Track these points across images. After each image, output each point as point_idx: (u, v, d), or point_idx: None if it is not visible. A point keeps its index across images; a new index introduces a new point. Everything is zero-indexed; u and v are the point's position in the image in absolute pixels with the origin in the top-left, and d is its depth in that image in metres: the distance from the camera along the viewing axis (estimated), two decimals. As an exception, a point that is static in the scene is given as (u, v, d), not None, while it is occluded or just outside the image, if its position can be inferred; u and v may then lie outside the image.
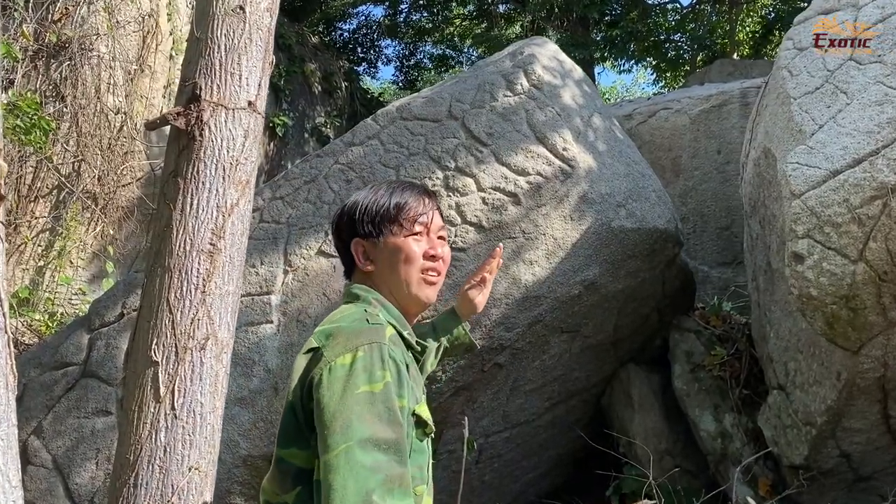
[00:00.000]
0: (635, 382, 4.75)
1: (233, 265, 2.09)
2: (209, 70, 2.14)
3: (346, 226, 1.68)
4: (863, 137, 2.87)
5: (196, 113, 2.09)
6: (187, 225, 2.04)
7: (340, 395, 1.33)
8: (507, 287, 3.67)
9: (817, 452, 3.64)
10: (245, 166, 2.15)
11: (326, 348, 1.42)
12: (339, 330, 1.47)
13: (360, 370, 1.36)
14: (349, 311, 1.57)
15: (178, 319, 1.99)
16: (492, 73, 4.12)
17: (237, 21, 2.19)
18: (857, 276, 2.83)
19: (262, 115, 2.22)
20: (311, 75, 11.82)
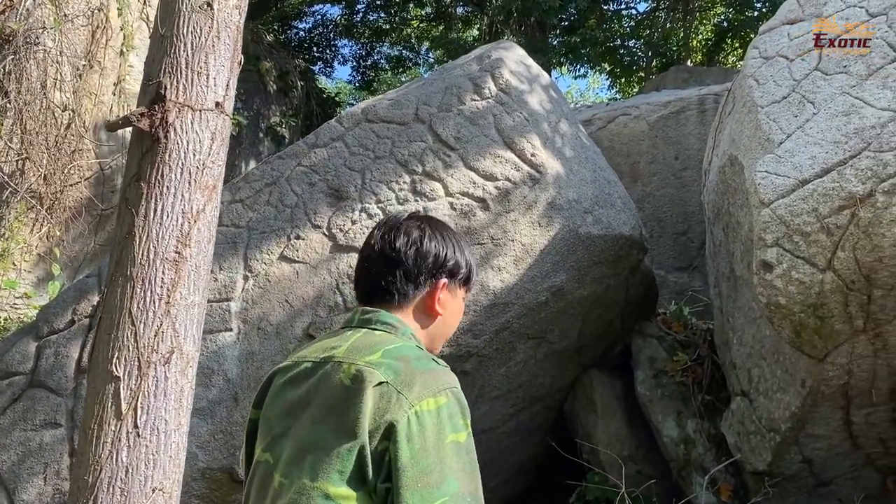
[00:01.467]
0: (598, 388, 4.75)
1: (199, 274, 1.98)
2: (175, 69, 2.04)
3: (439, 266, 1.59)
4: (830, 147, 2.90)
5: (161, 114, 1.98)
6: (151, 232, 1.93)
7: (434, 445, 1.26)
8: (474, 294, 3.61)
9: (780, 458, 3.67)
10: (212, 170, 2.05)
11: (403, 388, 1.29)
12: (411, 368, 1.34)
13: (446, 418, 1.29)
14: (399, 343, 1.44)
15: (140, 332, 1.87)
16: (459, 76, 4.06)
17: (204, 18, 2.09)
18: (826, 285, 2.85)
19: (230, 116, 2.12)
20: (266, 74, 11.61)
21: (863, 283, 2.79)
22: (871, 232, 2.71)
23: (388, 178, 3.76)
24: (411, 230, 1.58)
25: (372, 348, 1.41)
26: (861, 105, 2.94)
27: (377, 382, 1.32)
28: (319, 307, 3.57)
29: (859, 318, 2.89)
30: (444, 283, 1.58)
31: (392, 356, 1.38)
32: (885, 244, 2.68)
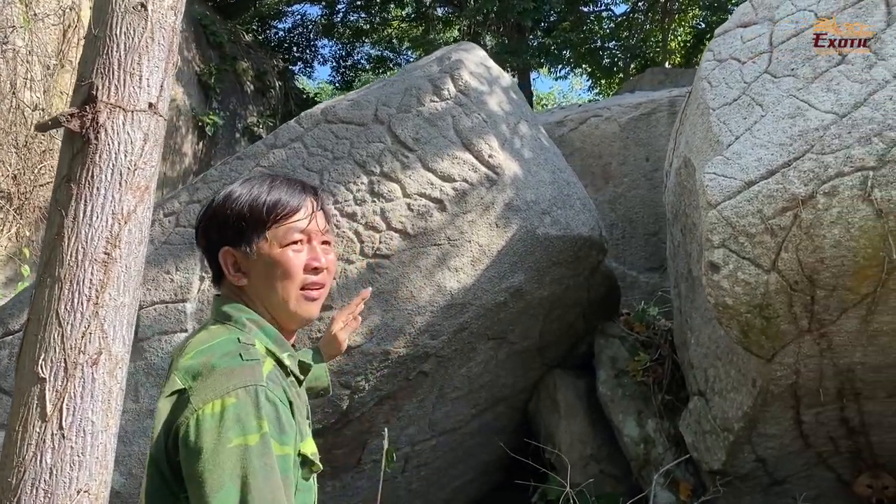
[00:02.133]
0: (561, 388, 4.77)
1: (129, 275, 1.98)
2: (107, 70, 2.03)
3: (215, 229, 1.49)
4: (776, 149, 2.93)
5: (91, 115, 1.97)
6: (80, 233, 1.92)
7: (211, 450, 1.18)
8: (431, 295, 3.62)
9: (734, 458, 3.70)
10: (144, 171, 2.04)
11: (194, 392, 1.25)
12: (210, 368, 1.28)
13: (231, 420, 1.20)
14: (220, 338, 1.39)
15: (67, 333, 1.86)
16: (419, 77, 4.07)
17: (138, 19, 2.08)
18: (770, 286, 2.88)
19: (164, 117, 2.12)
20: (244, 74, 11.57)
21: (806, 283, 2.82)
22: (813, 233, 2.74)
23: (346, 179, 3.77)
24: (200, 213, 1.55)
25: (190, 349, 1.37)
26: (806, 108, 2.97)
27: (171, 392, 1.30)
28: (275, 308, 3.57)
29: (804, 319, 2.93)
30: (224, 252, 1.48)
31: (198, 357, 1.34)
32: (826, 245, 2.72)
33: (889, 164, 2.61)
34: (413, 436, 4.27)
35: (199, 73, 10.34)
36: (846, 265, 2.72)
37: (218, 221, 1.47)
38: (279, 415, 1.25)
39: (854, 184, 2.67)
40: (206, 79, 10.41)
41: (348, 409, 3.69)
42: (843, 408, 3.33)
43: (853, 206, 2.66)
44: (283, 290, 1.43)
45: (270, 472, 1.18)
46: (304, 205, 1.46)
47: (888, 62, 2.86)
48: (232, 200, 1.45)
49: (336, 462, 4.00)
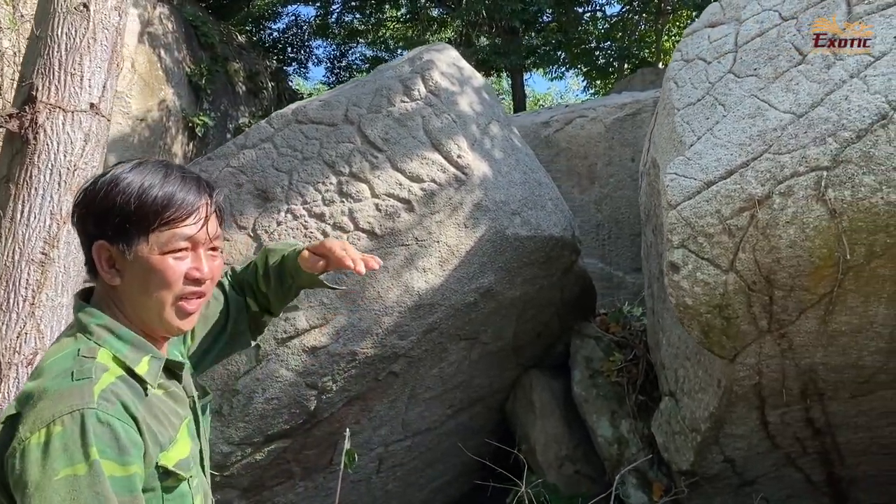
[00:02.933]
0: (537, 388, 4.77)
1: (68, 276, 1.98)
2: (47, 70, 2.04)
3: (94, 219, 1.29)
4: (735, 149, 2.93)
5: (31, 115, 1.98)
6: (17, 233, 1.93)
7: (37, 484, 1.09)
8: (399, 295, 3.63)
9: (703, 458, 3.70)
10: (85, 171, 2.05)
11: (23, 419, 1.15)
12: (41, 392, 1.17)
13: (57, 450, 1.11)
14: (62, 352, 1.26)
15: (3, 333, 1.87)
16: (390, 78, 4.07)
17: (80, 19, 2.09)
18: (729, 286, 2.88)
19: (106, 118, 2.12)
20: (235, 74, 11.57)
21: (763, 283, 2.82)
22: (769, 233, 2.74)
23: (315, 180, 3.77)
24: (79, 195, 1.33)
25: (37, 365, 1.26)
26: (766, 108, 2.97)
27: (5, 417, 1.20)
28: (242, 308, 3.57)
29: (763, 319, 2.92)
30: (99, 246, 1.29)
31: (35, 377, 1.24)
32: (782, 245, 2.71)
33: (842, 165, 2.60)
34: (386, 436, 4.27)
35: (189, 75, 10.34)
36: (802, 265, 2.72)
37: (98, 211, 1.27)
38: (116, 435, 1.16)
39: (808, 184, 2.66)
40: (197, 80, 10.41)
41: (316, 410, 3.69)
42: (808, 408, 3.32)
43: (808, 206, 2.66)
44: (158, 298, 1.29)
45: (104, 501, 1.11)
46: (196, 208, 1.31)
47: (846, 62, 2.86)
48: (118, 191, 1.26)
49: (308, 462, 4.00)
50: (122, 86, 9.13)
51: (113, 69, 2.17)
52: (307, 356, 3.50)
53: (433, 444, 4.68)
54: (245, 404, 3.50)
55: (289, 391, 3.53)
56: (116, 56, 2.19)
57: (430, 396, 4.29)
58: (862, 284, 2.72)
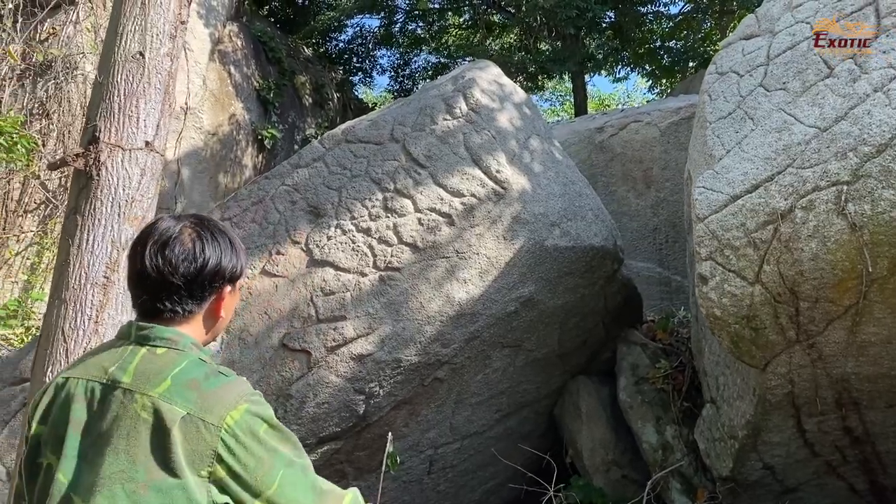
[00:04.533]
0: (583, 394, 4.87)
1: (126, 297, 2.23)
2: (109, 113, 2.30)
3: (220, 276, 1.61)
4: (761, 163, 2.99)
5: (94, 154, 2.24)
6: (83, 259, 2.19)
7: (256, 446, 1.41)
8: (440, 305, 3.80)
9: (742, 465, 3.74)
10: (141, 203, 2.30)
11: (205, 415, 1.40)
12: (202, 392, 1.43)
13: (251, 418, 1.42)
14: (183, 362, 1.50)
15: (71, 348, 2.13)
16: (433, 97, 4.26)
17: (136, 66, 2.34)
18: (755, 298, 2.94)
19: (160, 153, 2.37)
20: (302, 87, 11.99)
21: (788, 295, 2.88)
22: (792, 246, 2.79)
23: (363, 196, 3.99)
24: (186, 243, 1.56)
25: (160, 375, 1.45)
26: (792, 122, 3.02)
27: (180, 417, 1.39)
28: (295, 318, 3.82)
29: (791, 330, 2.97)
30: (227, 290, 1.62)
31: (181, 383, 1.44)
32: (804, 258, 2.77)
33: (862, 179, 2.64)
34: (435, 439, 4.45)
35: (258, 89, 10.80)
36: (825, 278, 2.77)
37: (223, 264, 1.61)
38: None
39: (829, 198, 2.71)
40: (265, 94, 10.87)
41: (365, 414, 3.90)
42: (845, 417, 3.34)
43: (828, 220, 2.71)
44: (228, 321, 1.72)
45: (292, 436, 1.50)
46: None
47: (871, 76, 2.88)
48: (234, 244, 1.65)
49: (359, 463, 4.22)
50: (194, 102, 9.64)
51: (166, 109, 2.42)
52: (355, 363, 3.72)
53: (483, 448, 4.83)
54: (298, 408, 3.74)
55: (338, 396, 3.76)
56: (169, 97, 2.43)
57: (476, 401, 4.45)
58: (888, 296, 2.75)
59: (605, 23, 14.41)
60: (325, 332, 3.75)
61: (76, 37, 8.18)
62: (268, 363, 3.77)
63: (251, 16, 11.93)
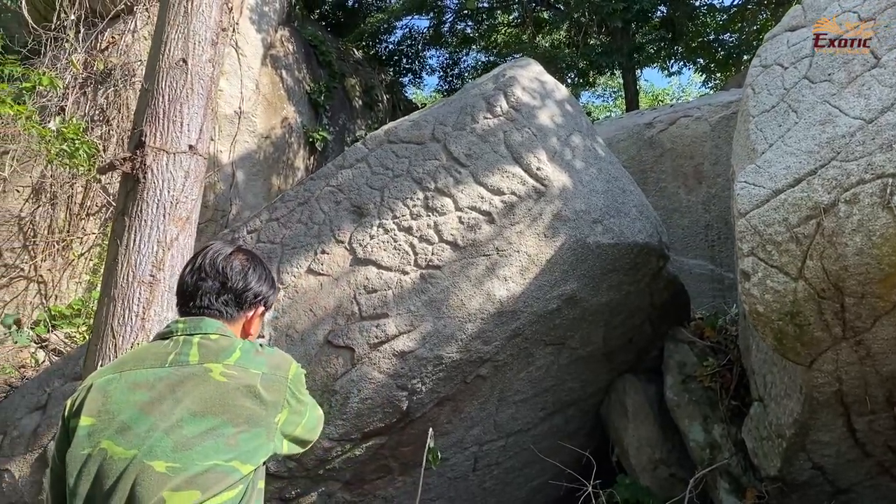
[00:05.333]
0: (630, 392, 4.83)
1: (172, 294, 2.32)
2: (154, 118, 2.40)
3: (259, 297, 1.95)
4: (804, 157, 2.93)
5: (140, 158, 2.34)
6: (130, 259, 2.29)
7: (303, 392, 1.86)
8: (481, 302, 3.83)
9: (790, 465, 3.67)
10: (185, 204, 2.39)
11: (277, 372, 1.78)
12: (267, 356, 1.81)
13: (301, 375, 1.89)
14: (239, 342, 1.82)
15: (119, 344, 2.24)
16: (474, 95, 4.28)
17: (180, 73, 2.43)
18: (799, 294, 2.89)
19: (203, 156, 2.46)
20: (352, 90, 12.15)
21: (833, 291, 2.81)
22: (836, 241, 2.74)
23: (404, 195, 4.04)
24: (242, 262, 1.93)
25: (227, 350, 1.76)
26: (837, 114, 2.95)
27: (260, 375, 1.74)
28: (339, 316, 3.89)
29: (836, 326, 2.91)
30: (260, 311, 1.97)
31: (249, 352, 1.77)
32: (849, 253, 2.71)
33: (908, 171, 2.57)
34: (479, 436, 4.48)
35: (309, 92, 10.99)
36: (871, 273, 2.70)
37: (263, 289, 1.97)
38: None
39: (874, 191, 2.65)
40: (316, 97, 11.04)
41: (408, 410, 3.95)
42: (897, 416, 3.25)
43: (873, 213, 2.64)
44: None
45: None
46: None
47: (919, 64, 2.80)
48: (272, 277, 2.03)
49: (404, 459, 4.28)
50: (248, 106, 9.87)
51: (208, 114, 2.50)
52: (397, 360, 3.77)
53: (528, 446, 4.84)
54: (342, 404, 3.82)
55: (381, 392, 3.82)
56: (211, 102, 2.52)
57: (520, 399, 4.46)
58: (938, 291, 2.67)
59: (657, 17, 14.18)
60: (368, 329, 3.81)
61: (134, 45, 8.46)
62: (313, 359, 3.85)
63: (302, 20, 12.14)
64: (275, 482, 3.91)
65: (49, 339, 6.83)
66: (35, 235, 7.88)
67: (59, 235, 7.96)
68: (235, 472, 1.61)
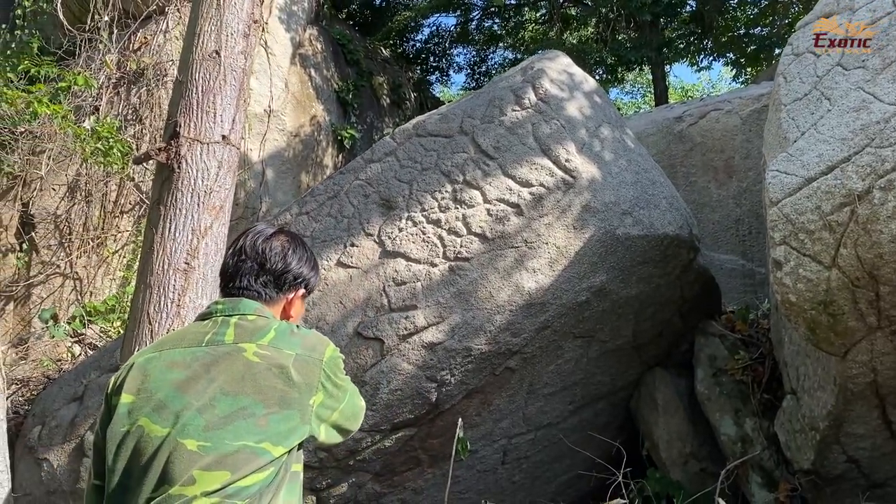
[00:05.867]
0: (660, 386, 4.80)
1: (206, 282, 2.37)
2: (188, 109, 2.44)
3: (299, 280, 1.94)
4: (837, 144, 2.90)
5: (175, 148, 2.38)
6: (165, 247, 2.33)
7: (340, 376, 1.81)
8: (510, 294, 3.83)
9: (824, 458, 3.62)
10: (219, 193, 2.43)
11: (311, 353, 1.76)
12: (303, 337, 1.78)
13: (338, 357, 1.83)
14: (275, 322, 1.82)
15: (155, 330, 2.28)
16: (503, 88, 4.29)
17: (213, 64, 2.48)
18: (832, 282, 2.86)
19: (236, 147, 2.50)
20: (380, 88, 12.21)
21: (867, 279, 2.78)
22: (870, 228, 2.70)
23: (433, 188, 4.06)
24: (283, 244, 1.91)
25: (262, 330, 1.75)
26: (871, 100, 2.91)
27: (293, 356, 1.72)
28: (368, 308, 3.93)
29: (871, 315, 2.87)
30: (301, 293, 1.95)
31: (284, 333, 1.76)
32: (884, 240, 2.67)
33: (945, 156, 2.53)
34: (508, 429, 4.48)
35: (337, 91, 11.06)
36: (907, 260, 2.66)
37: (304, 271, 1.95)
38: None
39: (910, 177, 2.61)
40: (345, 95, 11.12)
41: (438, 401, 3.97)
42: (934, 408, 3.19)
43: (909, 199, 2.60)
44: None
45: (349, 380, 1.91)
46: None
47: (956, 48, 2.75)
48: (313, 260, 2.00)
49: (433, 451, 4.30)
50: (277, 105, 9.97)
51: (241, 105, 2.54)
52: (426, 351, 3.79)
53: (557, 439, 4.83)
54: (372, 395, 3.85)
55: (410, 383, 3.84)
56: (243, 93, 2.56)
57: (549, 392, 4.46)
58: (976, 279, 2.62)
59: (686, 12, 14.05)
60: (397, 321, 3.84)
61: (166, 45, 8.59)
62: (343, 351, 3.86)
63: (330, 19, 12.23)
64: (306, 472, 3.94)
65: (85, 334, 6.96)
66: (70, 233, 8.03)
67: (93, 233, 8.11)
68: (266, 453, 1.61)
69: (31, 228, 7.88)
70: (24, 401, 5.33)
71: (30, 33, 8.22)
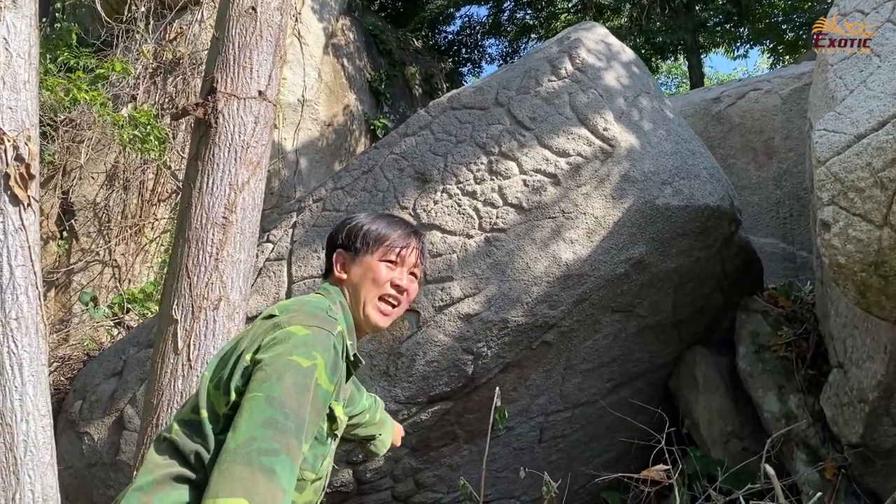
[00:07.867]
0: (700, 364, 4.71)
1: (244, 236, 2.36)
2: (224, 65, 2.44)
3: (339, 238, 1.90)
4: (889, 99, 2.79)
5: (212, 103, 2.38)
6: (204, 201, 2.33)
7: (278, 356, 1.51)
8: (547, 266, 3.78)
9: (873, 430, 3.51)
10: (256, 149, 2.42)
11: (282, 316, 1.63)
12: (301, 308, 1.66)
13: (300, 343, 1.54)
14: (317, 299, 1.79)
15: (194, 283, 2.28)
16: (538, 59, 4.24)
17: (249, 20, 2.47)
18: (884, 242, 2.75)
19: (272, 102, 2.49)
20: (412, 78, 12.21)
21: (922, 237, 2.67)
22: (925, 183, 2.60)
23: (468, 160, 4.02)
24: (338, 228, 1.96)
25: (295, 300, 1.76)
26: (924, 53, 2.81)
27: (267, 315, 1.68)
28: (404, 280, 3.90)
29: (926, 276, 2.77)
30: (338, 253, 1.88)
31: (295, 303, 1.71)
32: (940, 195, 2.57)
33: None
34: (545, 406, 4.43)
35: (370, 81, 11.09)
36: (964, 215, 2.55)
37: (343, 233, 1.89)
38: (336, 362, 1.60)
39: (967, 127, 2.50)
40: (377, 85, 11.15)
41: (474, 375, 3.93)
42: None
43: (967, 151, 2.50)
44: (367, 292, 1.82)
45: (306, 391, 1.49)
46: (408, 239, 1.90)
47: None
48: (359, 222, 1.90)
49: (470, 426, 4.26)
50: (310, 95, 10.01)
51: (276, 61, 2.53)
52: (462, 322, 3.76)
53: (594, 419, 4.76)
54: (408, 366, 3.82)
55: (447, 355, 3.81)
56: (279, 49, 2.55)
57: (586, 368, 4.39)
58: None
59: (720, 1, 13.83)
60: (434, 293, 3.81)
61: (201, 35, 8.68)
62: (379, 323, 3.87)
63: (363, 10, 12.26)
64: (342, 444, 3.94)
65: (123, 318, 7.06)
66: (109, 221, 8.15)
67: (131, 221, 8.22)
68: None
69: (70, 216, 8.01)
70: (66, 379, 5.42)
71: (69, 26, 8.35)
